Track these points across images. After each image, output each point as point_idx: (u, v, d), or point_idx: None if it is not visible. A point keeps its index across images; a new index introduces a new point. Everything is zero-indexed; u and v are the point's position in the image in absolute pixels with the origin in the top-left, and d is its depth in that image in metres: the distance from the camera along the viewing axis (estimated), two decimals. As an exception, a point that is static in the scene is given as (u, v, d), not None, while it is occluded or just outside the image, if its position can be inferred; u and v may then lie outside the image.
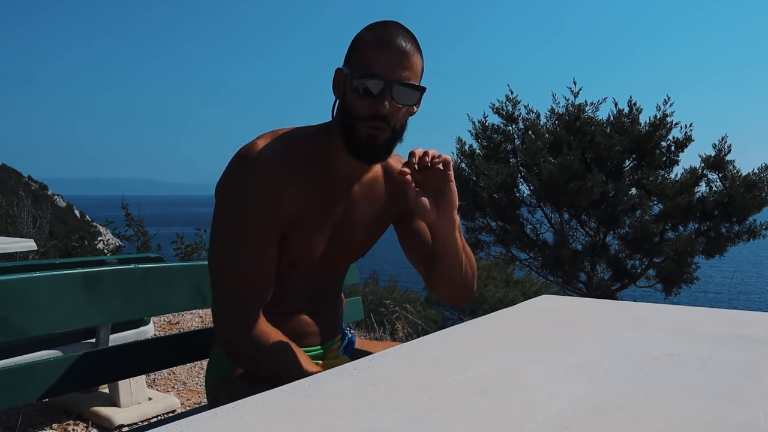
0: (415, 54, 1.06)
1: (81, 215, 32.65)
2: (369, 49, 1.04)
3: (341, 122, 1.08)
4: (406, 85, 1.04)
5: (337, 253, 1.19)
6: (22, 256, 4.99)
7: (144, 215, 6.86)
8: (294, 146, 1.10)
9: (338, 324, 1.30)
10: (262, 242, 1.07)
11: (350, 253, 1.24)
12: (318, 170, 1.11)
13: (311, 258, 1.15)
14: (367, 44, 1.05)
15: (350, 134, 1.06)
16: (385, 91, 1.03)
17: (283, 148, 1.08)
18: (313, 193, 1.10)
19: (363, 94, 1.03)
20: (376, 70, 1.02)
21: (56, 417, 2.36)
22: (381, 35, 1.04)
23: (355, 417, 0.59)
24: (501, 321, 1.05)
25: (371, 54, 1.03)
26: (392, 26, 1.06)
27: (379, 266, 15.14)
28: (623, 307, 1.19)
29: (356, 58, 1.05)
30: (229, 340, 1.08)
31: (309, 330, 1.21)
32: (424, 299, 10.92)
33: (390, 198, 1.22)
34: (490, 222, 7.90)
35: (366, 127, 1.05)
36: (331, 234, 1.16)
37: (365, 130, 1.05)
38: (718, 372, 0.75)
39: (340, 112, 1.09)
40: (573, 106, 7.49)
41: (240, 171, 1.06)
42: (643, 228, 6.75)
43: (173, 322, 4.21)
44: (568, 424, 0.58)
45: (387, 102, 1.03)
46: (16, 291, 1.08)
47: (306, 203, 1.09)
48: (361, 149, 1.07)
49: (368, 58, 1.03)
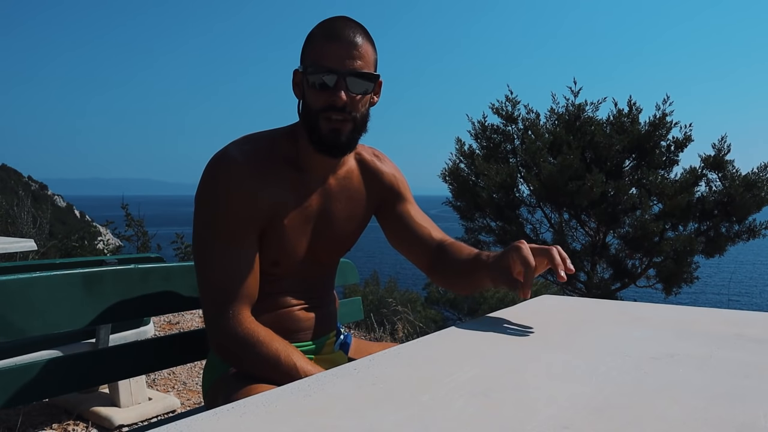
0: (365, 44, 1.09)
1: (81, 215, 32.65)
2: (319, 44, 1.08)
3: (304, 120, 1.12)
4: (359, 74, 1.08)
5: (320, 248, 1.21)
6: (22, 256, 4.99)
7: (144, 215, 6.86)
8: (263, 148, 1.13)
9: (332, 320, 1.31)
10: (239, 241, 1.09)
11: (333, 248, 1.25)
12: (291, 169, 1.14)
13: (294, 255, 1.17)
14: (318, 40, 1.08)
15: (313, 130, 1.10)
16: (339, 83, 1.06)
17: (251, 151, 1.12)
18: (287, 190, 1.13)
19: (319, 88, 1.07)
20: (328, 63, 1.06)
21: (56, 417, 2.36)
22: (329, 30, 1.08)
23: (355, 417, 0.59)
24: (501, 321, 1.05)
25: (322, 48, 1.07)
26: (340, 20, 1.10)
27: (380, 266, 15.14)
28: (623, 307, 1.19)
29: (309, 55, 1.09)
30: (217, 338, 1.10)
31: (302, 326, 1.22)
32: (424, 299, 10.92)
33: (367, 190, 1.26)
34: (490, 222, 7.90)
35: (326, 120, 1.09)
36: (312, 230, 1.18)
37: (326, 124, 1.09)
38: (718, 372, 0.75)
39: (303, 111, 1.13)
40: (573, 106, 7.49)
41: (211, 177, 1.10)
42: (642, 227, 6.75)
43: (173, 322, 4.21)
44: (568, 424, 0.58)
45: (342, 92, 1.06)
46: (16, 291, 1.08)
47: (280, 200, 1.12)
48: (325, 143, 1.10)
49: (320, 53, 1.07)
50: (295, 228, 1.15)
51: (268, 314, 1.16)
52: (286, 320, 1.20)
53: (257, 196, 1.09)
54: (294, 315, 1.21)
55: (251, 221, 1.10)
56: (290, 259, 1.17)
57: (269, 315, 1.17)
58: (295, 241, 1.16)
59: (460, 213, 7.93)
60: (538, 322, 1.05)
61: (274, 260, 1.15)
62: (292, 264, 1.18)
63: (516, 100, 7.67)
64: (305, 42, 1.12)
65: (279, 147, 1.15)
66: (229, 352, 1.09)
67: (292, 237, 1.15)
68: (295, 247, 1.16)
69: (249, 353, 1.06)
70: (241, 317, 1.07)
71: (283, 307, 1.20)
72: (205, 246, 1.10)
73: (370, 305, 7.28)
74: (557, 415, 0.60)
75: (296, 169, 1.15)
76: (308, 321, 1.23)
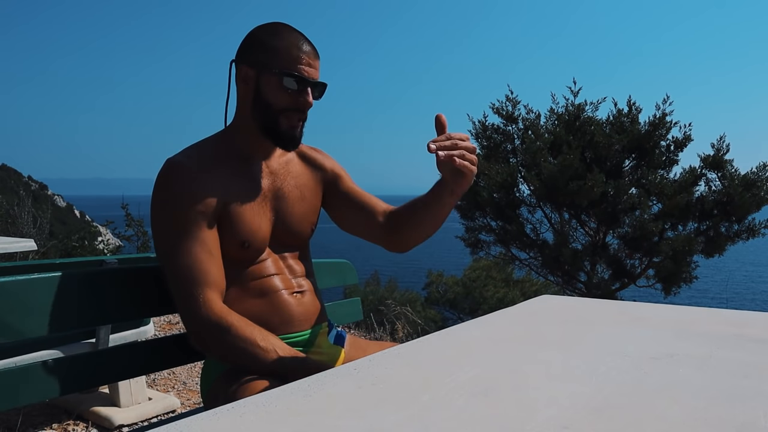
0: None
1: (81, 215, 32.65)
2: (291, 51, 1.20)
3: (261, 116, 1.22)
4: (321, 83, 1.24)
5: (283, 227, 1.29)
6: (22, 256, 4.99)
7: (144, 215, 6.85)
8: (205, 148, 1.24)
9: (320, 310, 1.33)
10: (196, 231, 1.15)
11: (295, 227, 1.31)
12: (232, 161, 1.24)
13: (260, 232, 1.23)
14: (288, 47, 1.21)
15: (271, 125, 1.22)
16: (307, 89, 1.21)
17: (194, 152, 1.22)
18: (235, 179, 1.22)
19: (290, 91, 1.20)
20: (301, 70, 1.20)
21: (56, 417, 2.36)
22: (296, 39, 1.22)
23: (355, 417, 0.60)
24: (501, 321, 1.05)
25: (294, 56, 1.20)
26: (297, 32, 1.23)
27: (380, 266, 15.14)
28: (623, 307, 1.19)
29: (275, 58, 1.20)
30: (191, 327, 1.14)
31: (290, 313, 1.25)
32: (424, 299, 10.92)
33: (311, 173, 1.37)
34: (490, 222, 7.90)
35: (287, 118, 1.22)
36: (270, 209, 1.27)
37: (287, 122, 1.22)
38: (718, 372, 0.76)
39: (257, 106, 1.22)
40: (573, 106, 7.48)
41: (161, 180, 1.19)
42: (642, 227, 6.75)
43: (173, 322, 4.22)
44: (568, 424, 0.58)
45: (310, 98, 1.21)
46: (16, 291, 1.08)
47: (230, 189, 1.21)
48: (282, 138, 1.24)
49: (291, 59, 1.20)
50: (253, 208, 1.23)
51: (252, 301, 1.22)
52: (275, 307, 1.23)
53: (206, 189, 1.17)
54: (276, 300, 1.24)
55: (205, 213, 1.17)
56: (256, 237, 1.23)
57: (253, 302, 1.22)
58: (256, 219, 1.23)
59: (461, 212, 7.93)
60: (538, 322, 1.05)
61: (242, 241, 1.21)
62: (260, 243, 1.24)
63: (516, 100, 7.67)
64: (260, 43, 1.22)
65: (219, 145, 1.25)
66: (205, 340, 1.14)
67: (251, 216, 1.22)
68: (260, 225, 1.24)
69: (225, 339, 1.11)
70: (211, 304, 1.12)
71: (265, 293, 1.24)
72: (166, 242, 1.16)
73: (370, 305, 7.28)
74: (557, 415, 0.60)
75: (240, 159, 1.25)
76: (290, 307, 1.25)
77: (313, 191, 1.36)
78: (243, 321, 1.13)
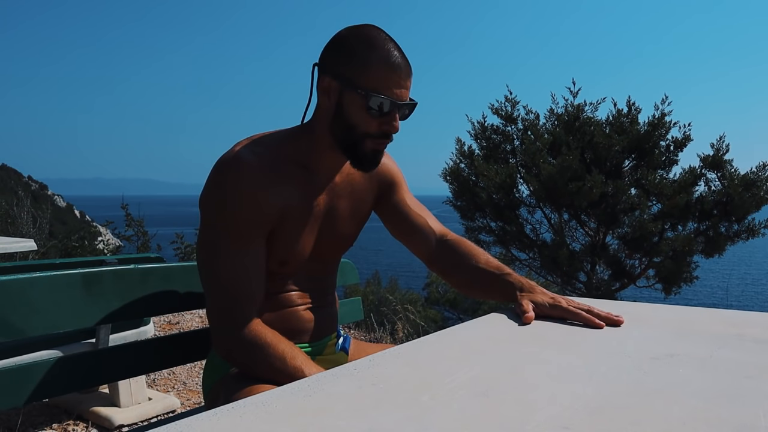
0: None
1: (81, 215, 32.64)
2: (381, 68, 1.06)
3: (341, 133, 1.11)
4: (411, 105, 1.11)
5: (326, 246, 1.22)
6: (22, 256, 4.99)
7: (144, 215, 6.86)
8: (272, 149, 1.13)
9: (333, 321, 1.31)
10: (247, 244, 1.08)
11: (338, 245, 1.27)
12: (299, 169, 1.14)
13: (302, 253, 1.17)
14: (379, 63, 1.06)
15: (354, 147, 1.11)
16: (395, 112, 1.08)
17: (261, 152, 1.11)
18: (296, 190, 1.13)
19: (376, 114, 1.07)
20: (391, 92, 1.07)
21: (56, 417, 2.36)
22: (390, 55, 1.06)
23: (355, 417, 0.60)
24: (501, 321, 1.05)
25: (384, 74, 1.06)
26: (392, 43, 1.08)
27: (380, 266, 15.14)
28: (623, 307, 1.19)
29: (362, 76, 1.06)
30: (224, 343, 1.09)
31: (305, 326, 1.22)
32: (424, 299, 10.91)
33: (369, 184, 1.27)
34: (490, 222, 7.90)
35: (373, 142, 1.10)
36: (319, 228, 1.19)
37: (372, 146, 1.10)
38: (718, 372, 0.76)
39: (337, 122, 1.10)
40: (572, 107, 7.48)
41: (220, 179, 1.08)
42: (642, 227, 6.75)
43: (173, 322, 4.21)
44: (568, 424, 0.58)
45: (396, 123, 1.09)
46: (16, 291, 1.08)
47: (289, 201, 1.12)
48: (364, 161, 1.12)
49: (381, 78, 1.06)
50: (304, 227, 1.15)
51: (272, 313, 1.17)
52: (290, 320, 1.20)
53: (267, 197, 1.08)
54: (298, 315, 1.21)
55: (260, 223, 1.09)
56: (298, 257, 1.17)
57: (273, 314, 1.17)
58: (303, 240, 1.16)
59: (461, 213, 7.93)
60: (538, 322, 1.05)
61: (283, 260, 1.15)
62: (299, 262, 1.18)
63: (515, 100, 7.67)
64: (347, 53, 1.07)
65: (287, 148, 1.14)
66: (238, 358, 1.09)
67: (300, 236, 1.15)
68: (303, 246, 1.17)
69: (258, 357, 1.05)
70: (249, 323, 1.07)
71: (288, 306, 1.20)
72: (213, 249, 1.09)
73: (371, 305, 7.28)
74: (557, 415, 0.60)
75: (304, 169, 1.15)
76: (311, 322, 1.23)
77: (367, 203, 1.28)
78: (276, 338, 1.07)
